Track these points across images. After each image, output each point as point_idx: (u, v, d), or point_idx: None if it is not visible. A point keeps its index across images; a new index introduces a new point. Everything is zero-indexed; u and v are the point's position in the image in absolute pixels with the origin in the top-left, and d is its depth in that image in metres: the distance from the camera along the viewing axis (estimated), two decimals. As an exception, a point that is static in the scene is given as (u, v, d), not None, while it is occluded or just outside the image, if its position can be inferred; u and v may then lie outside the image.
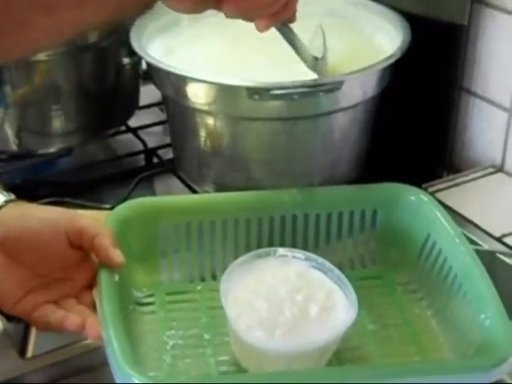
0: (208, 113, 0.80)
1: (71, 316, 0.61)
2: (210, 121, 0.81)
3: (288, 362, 0.61)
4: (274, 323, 0.62)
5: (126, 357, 0.56)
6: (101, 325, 0.59)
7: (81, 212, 0.70)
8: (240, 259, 0.67)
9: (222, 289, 0.63)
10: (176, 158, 0.90)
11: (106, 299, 0.61)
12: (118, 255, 0.64)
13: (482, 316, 0.63)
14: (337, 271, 0.67)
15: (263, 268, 0.67)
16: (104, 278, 0.63)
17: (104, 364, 0.59)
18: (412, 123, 0.95)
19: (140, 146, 1.00)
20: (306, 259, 0.68)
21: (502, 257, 0.81)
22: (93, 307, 0.62)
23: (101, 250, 0.64)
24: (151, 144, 1.00)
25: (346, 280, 0.66)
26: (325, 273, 0.67)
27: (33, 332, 0.71)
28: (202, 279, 0.73)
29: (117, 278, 0.64)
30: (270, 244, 0.73)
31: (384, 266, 0.75)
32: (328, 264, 0.68)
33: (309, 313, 0.63)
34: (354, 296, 0.64)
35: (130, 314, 0.67)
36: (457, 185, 0.91)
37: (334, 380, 0.57)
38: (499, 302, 0.64)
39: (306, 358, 0.61)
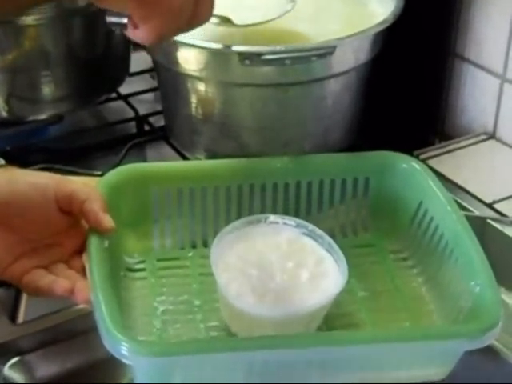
0: (199, 79, 0.79)
1: (60, 281, 0.61)
2: (201, 87, 0.80)
3: (277, 327, 0.60)
4: (264, 289, 0.62)
5: (115, 321, 0.56)
6: (90, 289, 0.59)
7: (71, 178, 0.70)
8: (231, 226, 0.67)
9: (212, 255, 0.63)
10: (167, 125, 0.90)
11: (95, 264, 0.61)
12: (107, 220, 0.64)
13: (472, 283, 0.64)
14: (328, 238, 0.67)
15: (254, 235, 0.67)
16: (94, 243, 0.63)
17: (95, 329, 0.60)
18: (404, 90, 0.95)
19: (131, 113, 1.00)
20: (297, 226, 0.68)
21: (492, 223, 0.82)
22: (83, 272, 0.62)
23: (90, 214, 0.63)
24: (142, 111, 1.00)
25: (336, 247, 0.66)
26: (315, 240, 0.67)
27: (24, 297, 0.72)
28: (194, 246, 0.73)
29: (107, 243, 0.64)
30: (262, 211, 0.72)
31: (376, 233, 0.75)
32: (319, 231, 0.67)
33: (299, 279, 0.63)
34: (344, 262, 0.64)
35: (120, 280, 0.67)
36: (448, 152, 0.91)
37: (322, 344, 0.57)
38: (489, 269, 0.64)
39: (295, 324, 0.61)
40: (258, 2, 0.83)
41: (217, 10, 0.64)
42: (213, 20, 0.72)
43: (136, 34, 0.60)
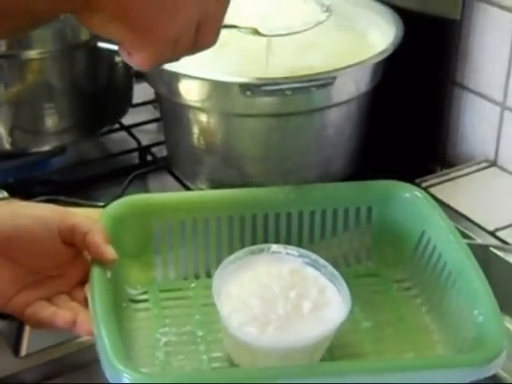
0: (201, 110, 0.80)
1: (62, 313, 0.61)
2: (203, 118, 0.80)
3: (281, 359, 0.60)
4: (267, 320, 0.62)
5: (117, 353, 0.56)
6: (92, 321, 0.59)
7: (74, 210, 0.70)
8: (233, 255, 0.67)
9: (214, 285, 0.63)
10: (170, 156, 0.90)
11: (97, 295, 0.61)
12: (110, 251, 0.64)
13: (476, 312, 0.63)
14: (330, 268, 0.67)
15: (256, 265, 0.67)
16: (96, 274, 0.63)
17: (98, 361, 0.59)
18: (405, 118, 0.95)
19: (134, 144, 1.00)
20: (300, 256, 0.68)
21: (495, 251, 0.81)
22: (85, 303, 0.62)
23: (93, 246, 0.63)
24: (145, 142, 1.00)
25: (339, 276, 0.66)
26: (318, 269, 0.67)
27: (26, 330, 0.71)
28: (197, 276, 0.73)
29: (109, 274, 0.64)
30: (265, 241, 0.73)
31: (379, 263, 0.75)
32: (322, 261, 0.67)
33: (302, 309, 0.63)
34: (347, 292, 0.64)
35: (123, 311, 0.67)
36: (450, 180, 0.91)
37: (325, 375, 0.57)
38: (492, 298, 0.64)
39: (298, 355, 0.60)
40: (293, 12, 0.83)
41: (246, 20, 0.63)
42: (241, 30, 0.74)
43: (131, 61, 0.57)
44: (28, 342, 0.71)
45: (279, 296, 0.64)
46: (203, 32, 0.57)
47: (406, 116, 0.95)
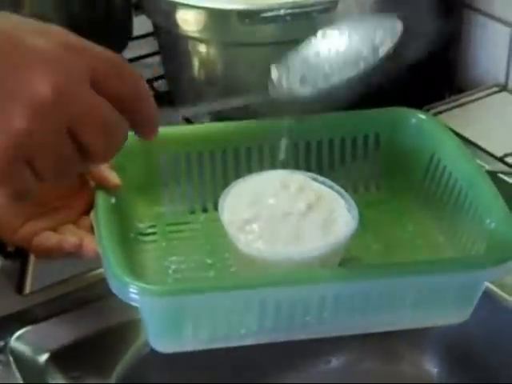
0: (199, 40, 0.78)
1: (68, 237, 0.61)
2: (202, 48, 0.79)
3: (290, 272, 0.59)
4: (275, 235, 0.60)
5: (122, 266, 0.55)
6: (97, 243, 0.59)
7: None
8: (241, 178, 0.66)
9: (220, 204, 0.62)
10: (171, 90, 0.89)
11: (102, 217, 0.60)
12: (113, 177, 0.64)
13: (488, 221, 0.62)
14: (338, 187, 0.66)
15: (264, 182, 0.65)
16: (100, 199, 0.62)
17: (103, 298, 0.59)
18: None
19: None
20: (308, 176, 0.67)
21: (504, 177, 0.80)
22: (91, 230, 0.62)
23: (96, 172, 0.63)
24: (146, 76, 0.97)
25: (347, 195, 0.65)
26: (326, 186, 0.66)
27: (30, 268, 0.71)
28: (204, 210, 0.72)
29: (113, 200, 0.63)
30: (272, 172, 0.72)
31: (389, 190, 0.74)
32: (329, 182, 0.66)
33: (310, 224, 0.61)
34: (355, 208, 0.63)
35: (130, 242, 0.66)
36: (459, 105, 0.89)
37: (334, 279, 0.56)
38: (505, 207, 0.62)
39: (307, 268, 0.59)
40: None
41: None
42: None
43: None
44: (31, 279, 0.71)
45: (287, 211, 0.62)
46: (85, 136, 0.49)
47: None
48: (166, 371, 0.72)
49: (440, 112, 0.88)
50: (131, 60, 1.00)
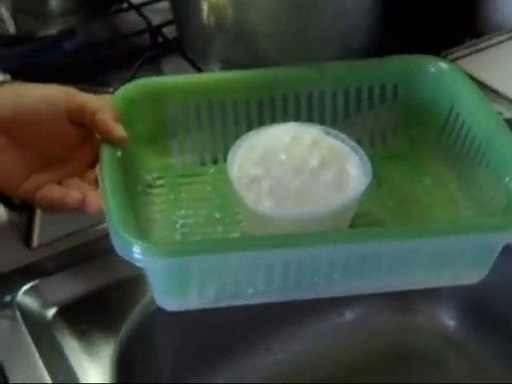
0: (210, -16, 0.75)
1: (71, 192, 0.59)
2: (212, -7, 0.76)
3: (300, 230, 0.57)
4: (285, 191, 0.59)
5: (125, 224, 0.53)
6: (101, 198, 0.57)
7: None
8: (252, 131, 0.64)
9: (229, 158, 0.61)
10: (180, 36, 0.85)
11: (106, 171, 0.59)
12: (119, 130, 0.61)
13: (507, 179, 0.60)
14: (352, 142, 0.63)
15: (276, 136, 0.63)
16: (106, 152, 0.60)
17: (110, 252, 0.58)
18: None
19: (144, 25, 0.94)
20: (321, 129, 0.64)
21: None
22: (96, 184, 0.60)
23: (101, 124, 0.61)
24: (156, 21, 0.94)
25: (360, 150, 0.63)
26: (340, 142, 0.63)
27: (37, 221, 0.70)
28: (215, 161, 0.70)
29: (119, 153, 0.61)
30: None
31: (406, 142, 0.72)
32: (343, 135, 0.64)
33: (321, 180, 0.59)
34: (368, 163, 0.61)
35: (138, 195, 0.64)
36: (479, 50, 0.86)
37: (343, 240, 0.54)
38: (526, 164, 0.60)
39: (317, 225, 0.57)
40: None
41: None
42: None
43: None
44: (39, 232, 0.70)
45: (298, 166, 0.60)
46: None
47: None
48: (174, 327, 0.71)
49: (458, 57, 0.84)
50: (141, 5, 0.97)
